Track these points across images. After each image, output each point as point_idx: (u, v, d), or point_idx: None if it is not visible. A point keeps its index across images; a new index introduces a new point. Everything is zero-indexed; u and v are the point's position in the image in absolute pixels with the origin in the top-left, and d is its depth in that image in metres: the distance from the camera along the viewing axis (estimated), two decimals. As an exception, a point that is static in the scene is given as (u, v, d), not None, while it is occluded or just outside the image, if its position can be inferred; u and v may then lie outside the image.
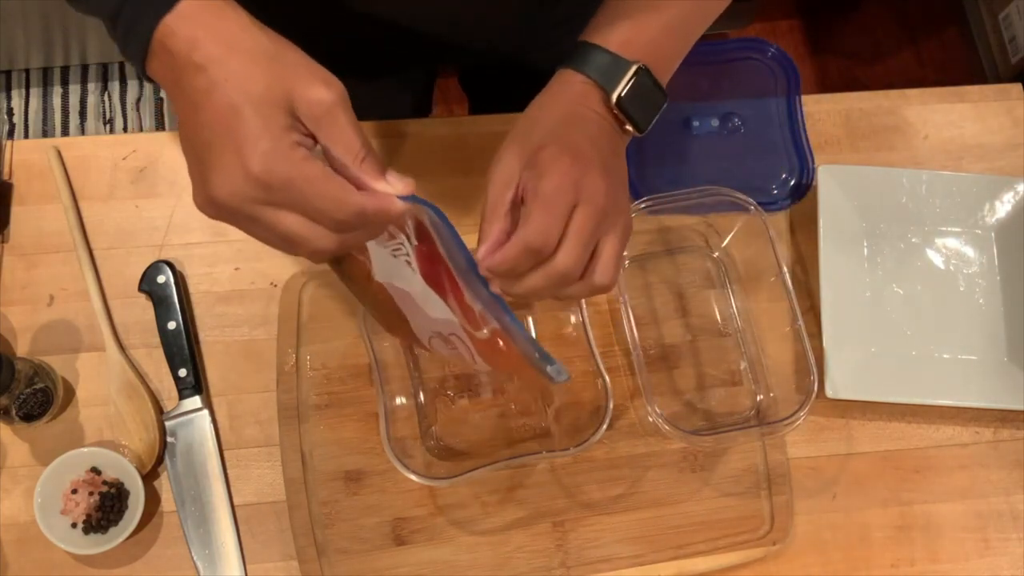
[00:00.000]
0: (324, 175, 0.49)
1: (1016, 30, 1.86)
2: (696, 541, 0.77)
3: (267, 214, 0.49)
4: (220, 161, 0.48)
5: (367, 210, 0.50)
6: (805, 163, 0.88)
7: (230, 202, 0.49)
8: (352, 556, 0.75)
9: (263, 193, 0.48)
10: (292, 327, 0.80)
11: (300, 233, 0.50)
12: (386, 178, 0.51)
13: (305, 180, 0.48)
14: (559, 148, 0.57)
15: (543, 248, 0.56)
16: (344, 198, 0.49)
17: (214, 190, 0.48)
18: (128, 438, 0.77)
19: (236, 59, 0.48)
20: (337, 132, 0.49)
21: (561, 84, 0.63)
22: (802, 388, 0.76)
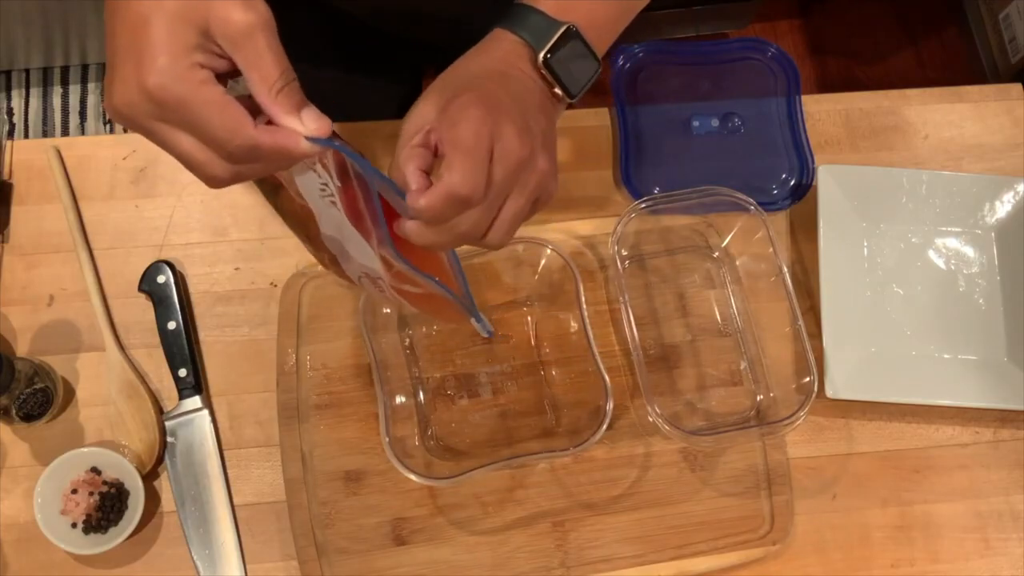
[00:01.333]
0: (219, 102, 0.47)
1: (1016, 30, 1.86)
2: (696, 541, 0.77)
3: (161, 130, 0.48)
4: (122, 70, 0.47)
5: (261, 145, 0.48)
6: (805, 163, 0.88)
7: (126, 112, 0.48)
8: (352, 556, 0.75)
9: (156, 109, 0.47)
10: (292, 327, 0.80)
11: (193, 156, 0.49)
12: (300, 115, 0.49)
13: (199, 104, 0.47)
14: (474, 96, 0.55)
15: (471, 197, 0.53)
16: (236, 129, 0.47)
17: (113, 98, 0.48)
18: (128, 438, 0.77)
19: None
20: (253, 57, 0.47)
21: (491, 41, 0.62)
22: (802, 388, 0.76)
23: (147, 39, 0.46)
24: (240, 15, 0.46)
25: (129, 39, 0.47)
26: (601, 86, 0.98)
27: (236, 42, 0.47)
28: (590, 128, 0.89)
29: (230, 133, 0.47)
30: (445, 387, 0.79)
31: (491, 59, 0.61)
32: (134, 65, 0.46)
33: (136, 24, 0.47)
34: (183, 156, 0.49)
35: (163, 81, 0.46)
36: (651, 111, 0.89)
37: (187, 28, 0.46)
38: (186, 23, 0.46)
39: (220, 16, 0.47)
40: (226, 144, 0.48)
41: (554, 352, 0.81)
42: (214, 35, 0.47)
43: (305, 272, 0.81)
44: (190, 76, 0.46)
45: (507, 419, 0.79)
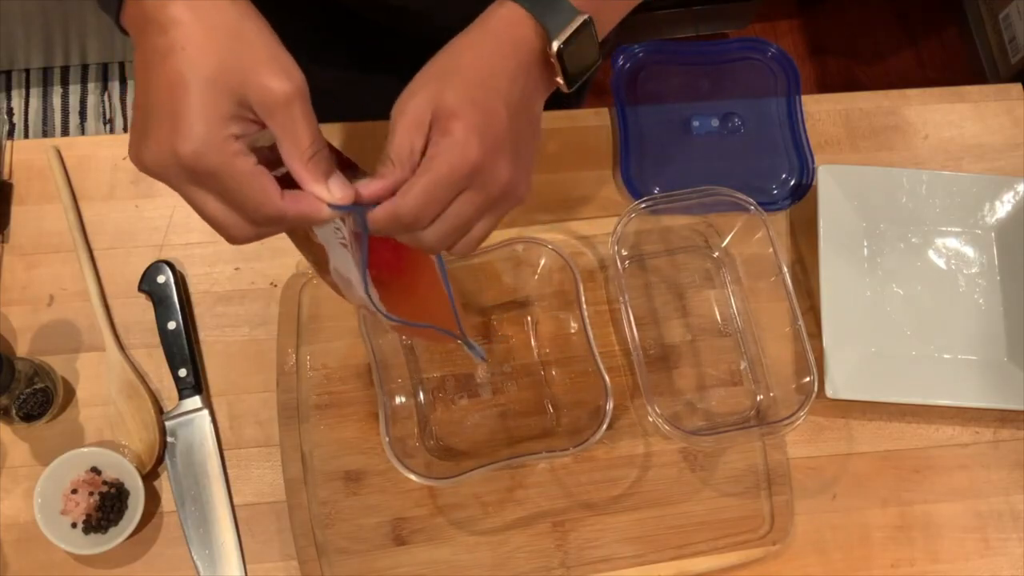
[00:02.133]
0: (251, 173, 0.48)
1: (1016, 30, 1.86)
2: (696, 541, 0.77)
3: (191, 192, 0.49)
4: (156, 129, 0.47)
5: (287, 214, 0.50)
6: (805, 163, 0.88)
7: (156, 171, 0.49)
8: (352, 556, 0.75)
9: (188, 174, 0.48)
10: (292, 327, 0.80)
11: (219, 219, 0.50)
12: (328, 183, 0.50)
13: (231, 175, 0.48)
14: (472, 125, 0.52)
15: (412, 225, 0.53)
16: (265, 201, 0.49)
17: (144, 154, 0.48)
18: (128, 438, 0.77)
19: (199, 29, 0.47)
20: (288, 125, 0.48)
21: (501, 21, 0.57)
22: (802, 388, 0.76)
23: (184, 104, 0.46)
24: (279, 84, 0.47)
25: (165, 99, 0.47)
26: (601, 86, 0.98)
27: (272, 111, 0.48)
28: (590, 128, 0.89)
29: (259, 204, 0.49)
30: (445, 387, 0.79)
31: (498, 47, 0.56)
32: (169, 128, 0.47)
33: (173, 85, 0.47)
34: (209, 217, 0.50)
35: (198, 150, 0.47)
36: (651, 111, 0.89)
37: (224, 96, 0.47)
38: (223, 91, 0.47)
39: (258, 84, 0.47)
40: (254, 213, 0.49)
41: (554, 352, 0.81)
42: (251, 102, 0.47)
43: (305, 272, 0.81)
44: (225, 148, 0.47)
45: (507, 419, 0.79)
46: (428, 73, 0.55)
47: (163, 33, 0.47)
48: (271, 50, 0.48)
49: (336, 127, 0.86)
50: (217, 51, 0.47)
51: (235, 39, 0.47)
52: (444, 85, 0.54)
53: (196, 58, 0.47)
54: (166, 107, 0.47)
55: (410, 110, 0.53)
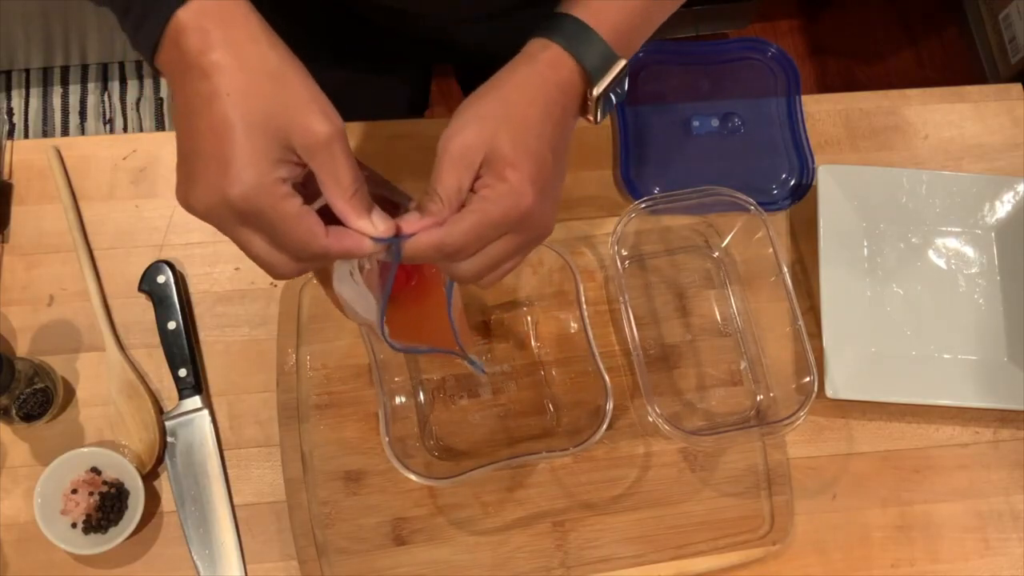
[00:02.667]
0: (299, 215, 0.50)
1: (1016, 30, 1.86)
2: (696, 541, 0.77)
3: (237, 232, 0.51)
4: (204, 174, 0.49)
5: (331, 252, 0.51)
6: (805, 163, 0.88)
7: (205, 214, 0.50)
8: (352, 556, 0.75)
9: (236, 216, 0.50)
10: (292, 327, 0.80)
11: (264, 257, 0.52)
12: (371, 218, 0.52)
13: (280, 217, 0.49)
14: (527, 175, 0.55)
15: (454, 257, 0.55)
16: (312, 240, 0.50)
17: (192, 198, 0.50)
18: (128, 438, 0.77)
19: (241, 74, 0.48)
20: (331, 165, 0.50)
21: (547, 64, 0.58)
22: (802, 388, 0.76)
23: (232, 149, 0.48)
24: (320, 126, 0.49)
25: (212, 144, 0.48)
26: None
27: (315, 152, 0.49)
28: (590, 128, 0.89)
29: (305, 243, 0.50)
30: (445, 387, 0.79)
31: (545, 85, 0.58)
32: (218, 173, 0.48)
33: (219, 130, 0.48)
34: (255, 255, 0.52)
35: (248, 194, 0.48)
36: (651, 111, 0.89)
37: (271, 141, 0.48)
38: (269, 135, 0.48)
39: (302, 126, 0.48)
40: (300, 252, 0.51)
41: (554, 352, 0.81)
42: (294, 145, 0.49)
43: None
44: (274, 191, 0.49)
45: (507, 419, 0.79)
46: (477, 112, 0.56)
47: (206, 79, 0.48)
48: (311, 93, 0.50)
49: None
50: (261, 96, 0.48)
51: (277, 84, 0.49)
52: (497, 128, 0.55)
53: (241, 104, 0.48)
54: (214, 152, 0.48)
55: (459, 149, 0.54)
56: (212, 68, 0.48)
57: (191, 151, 0.49)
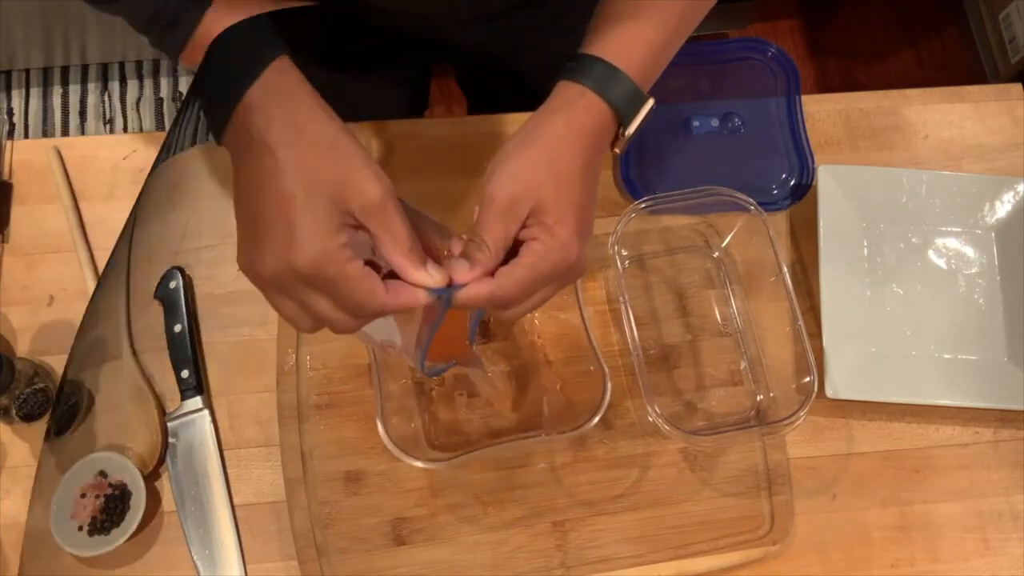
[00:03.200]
0: (360, 276, 0.53)
1: (1016, 30, 1.86)
2: (696, 541, 0.77)
3: (302, 295, 0.54)
4: (272, 243, 0.52)
5: (389, 308, 0.54)
6: (805, 163, 0.88)
7: (271, 280, 0.54)
8: (352, 556, 0.75)
9: (302, 281, 0.53)
10: (292, 327, 0.79)
11: (327, 316, 0.55)
12: (427, 269, 0.54)
13: (344, 280, 0.52)
14: (574, 229, 0.58)
15: (503, 306, 0.58)
16: (373, 300, 0.53)
17: (259, 266, 0.54)
18: (132, 440, 0.77)
19: (302, 147, 0.52)
20: (386, 224, 0.53)
21: (584, 112, 0.61)
22: (802, 388, 0.76)
23: (296, 219, 0.51)
24: (374, 189, 0.52)
25: (278, 216, 0.52)
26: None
27: (370, 213, 0.53)
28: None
29: (367, 303, 0.54)
30: (444, 385, 0.79)
31: (583, 135, 0.60)
32: (285, 242, 0.52)
33: (285, 202, 0.52)
34: (317, 315, 0.55)
35: (316, 260, 0.52)
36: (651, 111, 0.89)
37: (331, 209, 0.52)
38: (330, 204, 0.52)
39: (358, 191, 0.52)
40: (361, 310, 0.54)
41: (554, 352, 0.81)
42: (352, 209, 0.52)
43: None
44: (338, 256, 0.52)
45: (505, 417, 0.79)
46: (523, 164, 0.59)
47: (269, 153, 0.52)
48: (363, 158, 0.53)
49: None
50: (320, 166, 0.52)
51: (333, 151, 0.53)
52: (543, 182, 0.58)
53: (304, 175, 0.52)
54: (280, 223, 0.52)
55: (508, 200, 0.57)
56: (276, 143, 0.52)
57: (256, 220, 0.53)
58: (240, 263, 0.55)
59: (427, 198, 0.86)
